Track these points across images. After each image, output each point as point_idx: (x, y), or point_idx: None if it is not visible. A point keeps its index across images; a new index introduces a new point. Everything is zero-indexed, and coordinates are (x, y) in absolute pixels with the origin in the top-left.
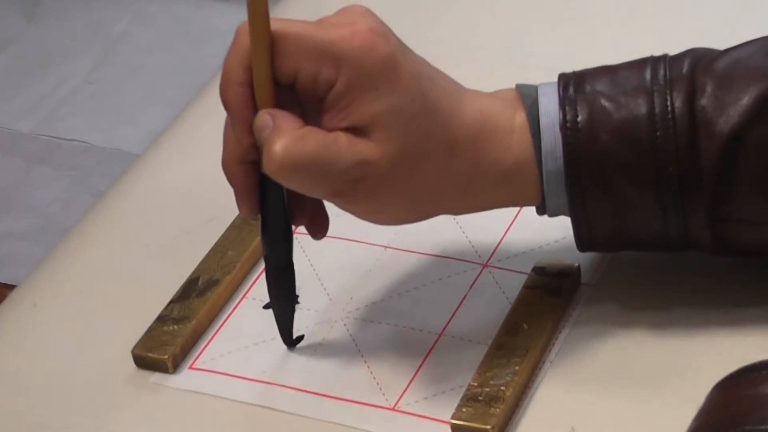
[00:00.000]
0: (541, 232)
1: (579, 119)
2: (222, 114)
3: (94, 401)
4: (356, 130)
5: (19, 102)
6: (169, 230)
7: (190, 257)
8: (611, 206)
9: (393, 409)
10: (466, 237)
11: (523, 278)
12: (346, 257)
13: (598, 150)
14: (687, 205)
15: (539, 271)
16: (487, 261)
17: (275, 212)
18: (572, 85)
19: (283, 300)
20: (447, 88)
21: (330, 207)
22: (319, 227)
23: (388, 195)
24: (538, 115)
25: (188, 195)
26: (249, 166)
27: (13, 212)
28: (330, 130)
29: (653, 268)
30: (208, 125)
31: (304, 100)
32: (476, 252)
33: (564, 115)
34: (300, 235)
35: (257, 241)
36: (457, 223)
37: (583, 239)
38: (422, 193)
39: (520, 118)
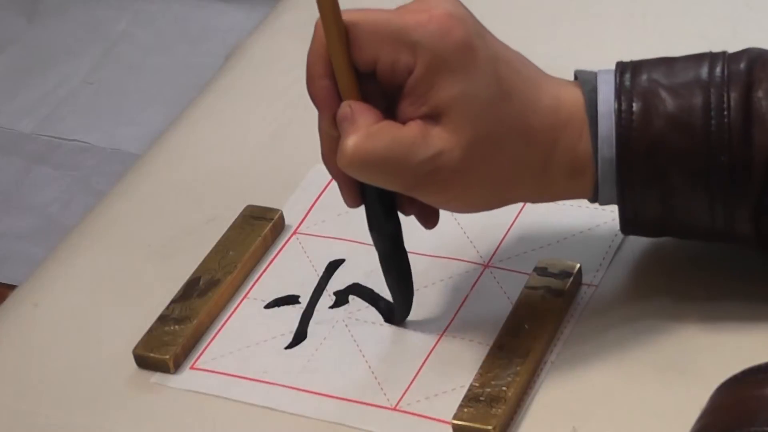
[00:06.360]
0: (543, 232)
1: (634, 107)
2: (221, 114)
3: (95, 401)
4: (432, 118)
5: (19, 102)
6: (169, 230)
7: (190, 257)
8: (660, 192)
9: (394, 409)
10: (468, 237)
11: (525, 278)
12: (348, 258)
13: (650, 136)
14: (735, 196)
15: (541, 272)
16: (489, 261)
17: (377, 203)
18: (629, 72)
19: (396, 289)
20: (524, 73)
21: (331, 206)
22: (429, 217)
23: (462, 185)
24: (596, 101)
25: (188, 195)
26: None
27: (13, 212)
28: (408, 117)
29: (654, 268)
30: (208, 125)
31: (386, 88)
32: (478, 252)
33: (619, 103)
34: (301, 236)
35: (258, 241)
36: (458, 223)
37: (628, 222)
38: (496, 182)
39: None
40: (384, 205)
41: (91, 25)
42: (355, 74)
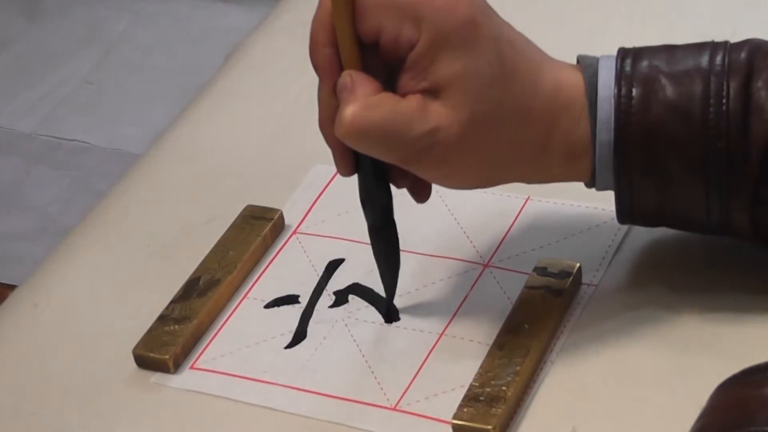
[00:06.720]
0: (542, 232)
1: (634, 92)
2: (221, 114)
3: (95, 401)
4: (431, 93)
5: (19, 102)
6: (169, 230)
7: (190, 257)
8: (656, 180)
9: (394, 409)
10: (468, 237)
11: (525, 278)
12: (348, 257)
13: (649, 122)
14: (731, 185)
15: (540, 271)
16: (489, 261)
17: (370, 173)
18: (630, 58)
19: (383, 262)
20: (527, 54)
21: (331, 206)
22: (420, 191)
23: (458, 162)
24: (597, 86)
25: (188, 195)
26: None
27: (13, 212)
28: (408, 91)
29: (654, 267)
30: (208, 125)
31: (388, 61)
32: (477, 252)
33: (619, 89)
34: (301, 235)
35: (258, 241)
36: (458, 223)
37: (625, 210)
38: (493, 160)
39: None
40: (377, 176)
41: (91, 25)
42: (358, 44)
